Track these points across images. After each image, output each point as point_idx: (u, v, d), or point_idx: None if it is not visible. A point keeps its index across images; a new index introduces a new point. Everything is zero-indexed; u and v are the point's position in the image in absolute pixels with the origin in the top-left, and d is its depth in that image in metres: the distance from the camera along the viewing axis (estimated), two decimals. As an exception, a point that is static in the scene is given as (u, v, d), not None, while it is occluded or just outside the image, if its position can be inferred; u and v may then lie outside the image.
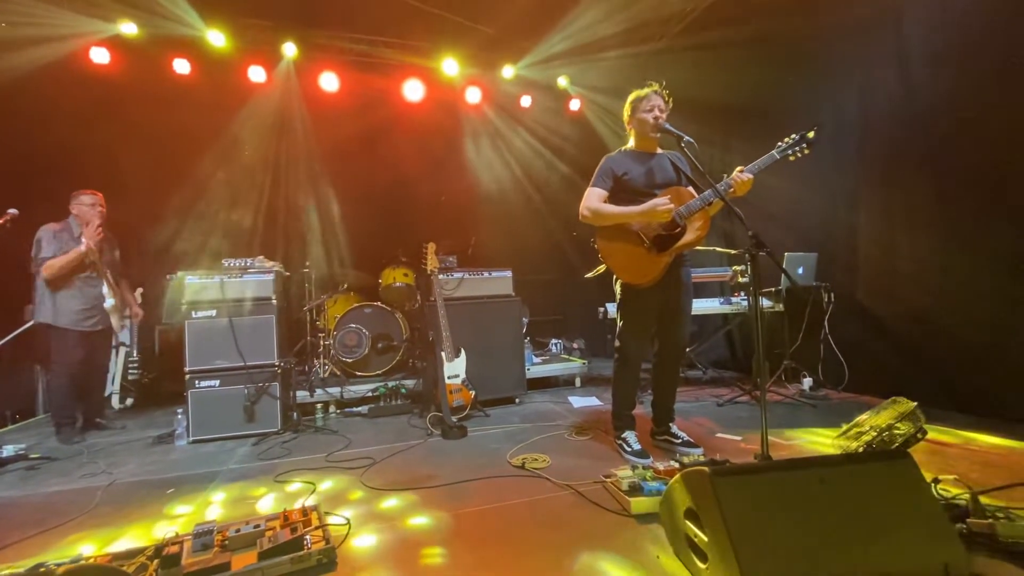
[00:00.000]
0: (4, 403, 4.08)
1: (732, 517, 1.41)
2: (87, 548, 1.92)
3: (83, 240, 3.38)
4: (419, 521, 2.06)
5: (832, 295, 3.91)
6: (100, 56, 4.63)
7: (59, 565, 1.62)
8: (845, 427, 2.38)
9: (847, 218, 3.91)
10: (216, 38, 4.84)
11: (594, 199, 2.60)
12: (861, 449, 2.20)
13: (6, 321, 3.64)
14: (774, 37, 4.23)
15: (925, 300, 3.38)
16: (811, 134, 2.39)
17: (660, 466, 2.24)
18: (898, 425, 2.19)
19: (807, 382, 3.86)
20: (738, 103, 4.55)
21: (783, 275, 3.90)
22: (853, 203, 3.86)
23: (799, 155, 2.42)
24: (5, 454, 3.02)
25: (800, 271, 3.90)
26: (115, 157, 4.76)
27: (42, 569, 1.59)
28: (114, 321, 3.65)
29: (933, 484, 1.83)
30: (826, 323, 3.92)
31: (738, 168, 2.42)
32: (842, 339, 3.88)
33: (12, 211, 3.05)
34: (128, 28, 4.57)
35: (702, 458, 2.47)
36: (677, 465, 2.24)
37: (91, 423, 3.75)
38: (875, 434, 2.20)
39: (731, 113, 4.63)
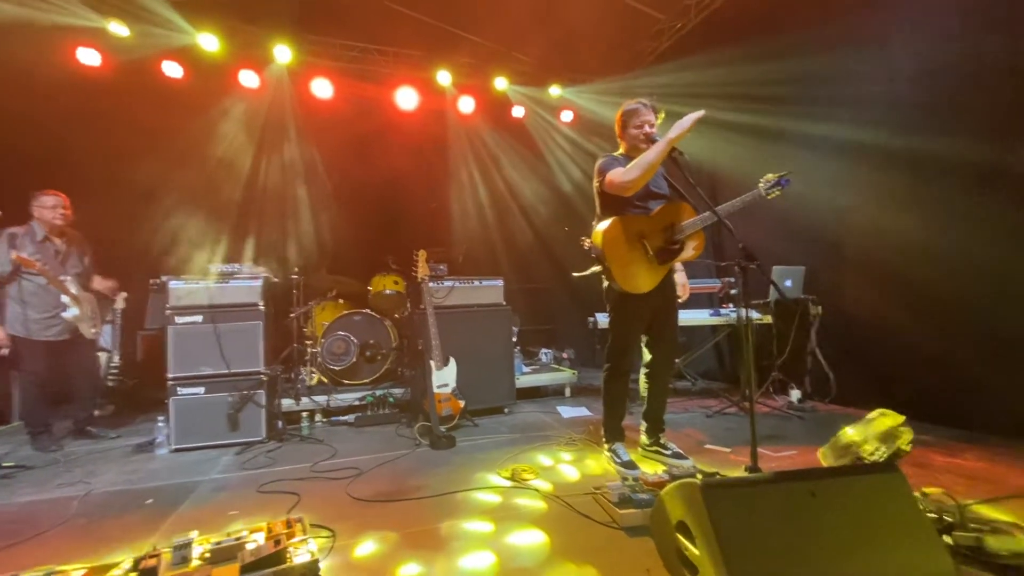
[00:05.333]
0: (-23, 409, 3.97)
1: (723, 530, 1.40)
2: (62, 561, 1.85)
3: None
4: (405, 533, 2.02)
5: (819, 308, 3.96)
6: (89, 57, 4.57)
7: (30, 579, 1.57)
8: (833, 440, 2.39)
9: (834, 231, 3.97)
10: (208, 42, 4.81)
11: (622, 170, 2.51)
12: (851, 462, 2.21)
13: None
14: (766, 54, 4.31)
15: (911, 313, 3.42)
16: (785, 177, 2.42)
17: (650, 478, 2.23)
18: (885, 438, 2.20)
19: (795, 394, 3.89)
20: (728, 118, 4.62)
21: (771, 287, 3.94)
22: (840, 216, 3.92)
23: (775, 194, 2.45)
24: (-23, 462, 2.93)
25: (788, 283, 3.95)
26: (101, 160, 4.69)
27: (12, 583, 1.53)
28: (83, 329, 3.53)
29: (920, 497, 1.84)
30: (813, 335, 3.95)
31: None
32: (829, 351, 3.92)
33: (-7, 212, 2.98)
34: (118, 28, 4.52)
35: (693, 470, 2.46)
36: (668, 477, 2.23)
37: (81, 432, 3.65)
38: (864, 447, 2.21)
39: (722, 126, 4.69)
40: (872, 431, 2.28)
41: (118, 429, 3.86)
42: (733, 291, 4.23)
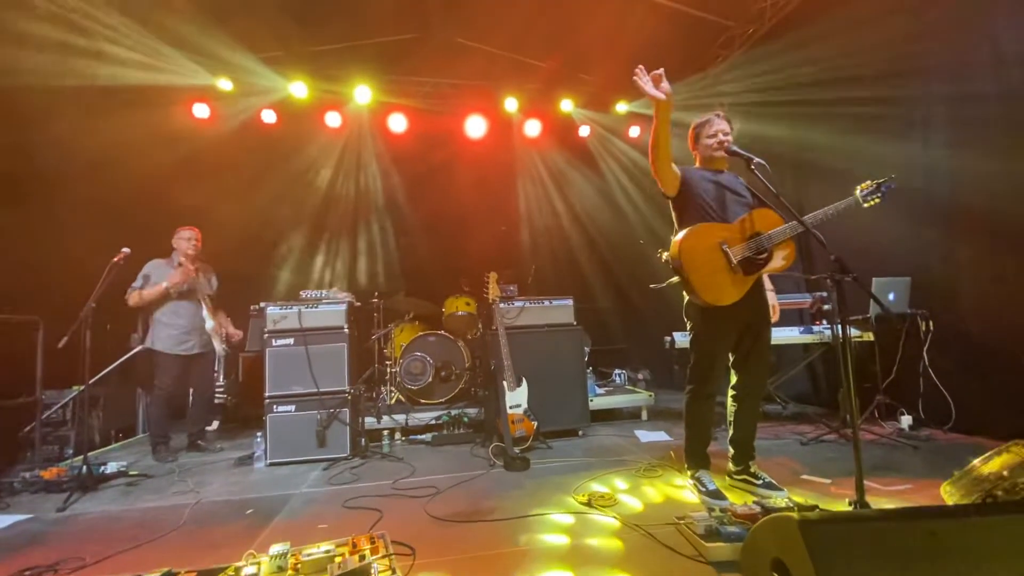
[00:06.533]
0: (110, 422, 4.50)
1: (826, 571, 1.27)
2: (176, 564, 2.03)
3: (172, 273, 3.75)
4: (483, 555, 2.02)
5: (930, 323, 3.54)
6: (201, 111, 5.22)
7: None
8: (957, 474, 2.09)
9: (944, 238, 3.56)
10: (298, 90, 5.32)
11: None
12: (980, 499, 1.93)
13: (116, 348, 4.03)
14: (848, 50, 4.03)
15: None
16: (887, 183, 2.24)
17: (739, 509, 2.08)
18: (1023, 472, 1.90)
19: (906, 420, 3.48)
20: (812, 118, 4.34)
21: (872, 301, 3.59)
22: (949, 221, 3.51)
23: (874, 203, 2.27)
24: (109, 470, 3.31)
25: (891, 297, 3.58)
26: (209, 198, 5.26)
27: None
28: (216, 344, 3.97)
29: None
30: (925, 354, 3.54)
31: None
32: (946, 372, 3.48)
33: (125, 250, 3.40)
34: (224, 84, 5.14)
35: (788, 502, 2.26)
36: (759, 509, 2.07)
37: (193, 444, 4.03)
38: (996, 483, 1.92)
39: (806, 128, 4.42)
40: (1007, 463, 1.98)
41: (222, 443, 4.23)
42: (826, 306, 3.89)
